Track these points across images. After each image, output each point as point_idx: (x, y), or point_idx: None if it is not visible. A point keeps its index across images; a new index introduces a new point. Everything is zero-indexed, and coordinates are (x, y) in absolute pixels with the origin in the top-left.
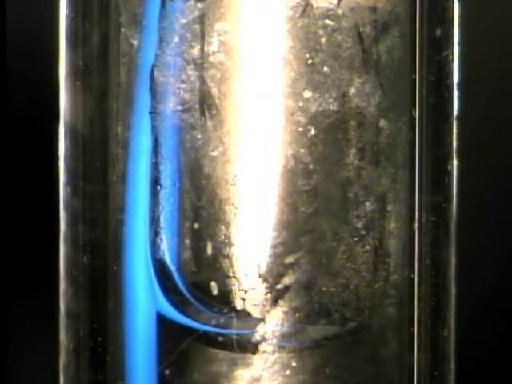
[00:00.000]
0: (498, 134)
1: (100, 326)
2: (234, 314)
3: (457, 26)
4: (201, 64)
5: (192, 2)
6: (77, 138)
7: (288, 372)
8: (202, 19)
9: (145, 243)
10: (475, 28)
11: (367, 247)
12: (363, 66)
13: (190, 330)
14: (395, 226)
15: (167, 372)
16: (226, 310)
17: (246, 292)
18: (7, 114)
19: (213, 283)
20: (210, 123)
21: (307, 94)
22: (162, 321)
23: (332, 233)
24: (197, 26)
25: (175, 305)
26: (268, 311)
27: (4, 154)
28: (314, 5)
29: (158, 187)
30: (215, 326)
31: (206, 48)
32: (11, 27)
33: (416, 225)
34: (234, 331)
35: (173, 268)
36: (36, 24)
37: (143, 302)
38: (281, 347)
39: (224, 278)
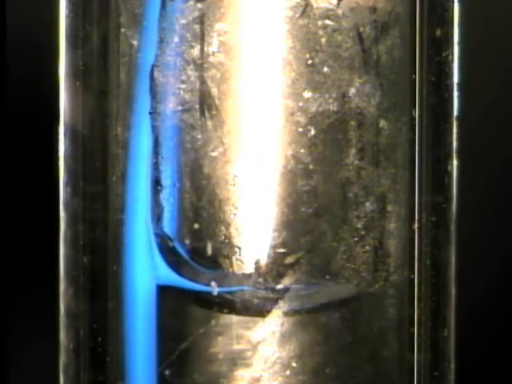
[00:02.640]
0: (498, 134)
1: (100, 326)
2: (233, 315)
3: (457, 26)
4: (201, 64)
5: (192, 3)
6: (77, 138)
7: (288, 372)
8: (201, 19)
9: (145, 243)
10: (475, 28)
11: (367, 247)
12: (363, 66)
13: (190, 331)
14: (395, 227)
15: (167, 372)
16: (226, 311)
17: (245, 292)
18: (7, 114)
19: (213, 283)
20: (209, 123)
21: (307, 94)
22: (162, 321)
23: (332, 233)
24: (197, 27)
25: (175, 304)
26: (268, 312)
27: (4, 153)
28: (314, 5)
29: (158, 187)
30: (215, 325)
31: (205, 48)
32: (11, 27)
33: (416, 225)
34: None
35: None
36: (36, 24)
37: (143, 302)
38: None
39: (224, 278)
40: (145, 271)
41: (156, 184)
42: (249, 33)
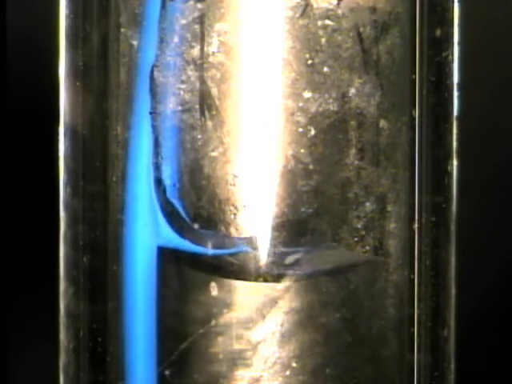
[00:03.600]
0: (498, 134)
1: (100, 326)
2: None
3: (457, 26)
4: (201, 64)
5: (192, 3)
6: (77, 138)
7: (288, 372)
8: (201, 19)
9: (145, 243)
10: (475, 28)
11: (367, 247)
12: (363, 66)
13: (192, 327)
14: (395, 227)
15: (167, 372)
16: (225, 311)
17: (245, 292)
18: (7, 114)
19: (213, 283)
20: (209, 123)
21: (307, 94)
22: (162, 321)
23: (332, 233)
24: (197, 27)
25: (176, 306)
26: (268, 312)
27: (4, 154)
28: (314, 5)
29: (158, 187)
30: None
31: (205, 48)
32: (11, 27)
33: (416, 225)
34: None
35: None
36: (36, 24)
37: (143, 303)
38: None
39: (224, 277)
40: (146, 232)
41: (156, 184)
42: (249, 33)
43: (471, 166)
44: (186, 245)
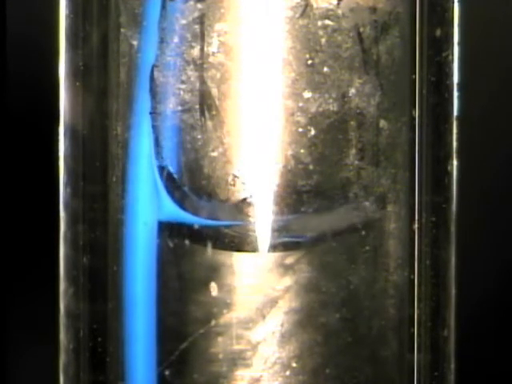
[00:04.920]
0: (498, 134)
1: (100, 326)
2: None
3: (457, 26)
4: (201, 64)
5: (192, 3)
6: (77, 138)
7: (288, 372)
8: (202, 20)
9: (145, 243)
10: (475, 28)
11: (367, 247)
12: (363, 66)
13: (192, 327)
14: (395, 227)
15: (167, 372)
16: (225, 311)
17: (245, 292)
18: (7, 114)
19: (213, 283)
20: (209, 124)
21: (307, 94)
22: (162, 321)
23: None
24: (197, 27)
25: (176, 306)
26: (268, 312)
27: (4, 154)
28: (314, 5)
29: (158, 187)
30: (214, 326)
31: (205, 48)
32: (11, 27)
33: (416, 225)
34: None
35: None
36: (36, 24)
37: (143, 303)
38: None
39: (224, 276)
40: (146, 232)
41: (155, 184)
42: (249, 33)
43: (471, 166)
44: (187, 218)
